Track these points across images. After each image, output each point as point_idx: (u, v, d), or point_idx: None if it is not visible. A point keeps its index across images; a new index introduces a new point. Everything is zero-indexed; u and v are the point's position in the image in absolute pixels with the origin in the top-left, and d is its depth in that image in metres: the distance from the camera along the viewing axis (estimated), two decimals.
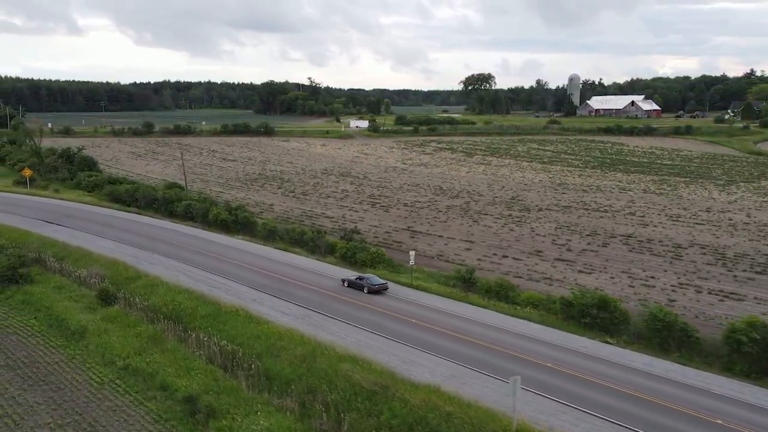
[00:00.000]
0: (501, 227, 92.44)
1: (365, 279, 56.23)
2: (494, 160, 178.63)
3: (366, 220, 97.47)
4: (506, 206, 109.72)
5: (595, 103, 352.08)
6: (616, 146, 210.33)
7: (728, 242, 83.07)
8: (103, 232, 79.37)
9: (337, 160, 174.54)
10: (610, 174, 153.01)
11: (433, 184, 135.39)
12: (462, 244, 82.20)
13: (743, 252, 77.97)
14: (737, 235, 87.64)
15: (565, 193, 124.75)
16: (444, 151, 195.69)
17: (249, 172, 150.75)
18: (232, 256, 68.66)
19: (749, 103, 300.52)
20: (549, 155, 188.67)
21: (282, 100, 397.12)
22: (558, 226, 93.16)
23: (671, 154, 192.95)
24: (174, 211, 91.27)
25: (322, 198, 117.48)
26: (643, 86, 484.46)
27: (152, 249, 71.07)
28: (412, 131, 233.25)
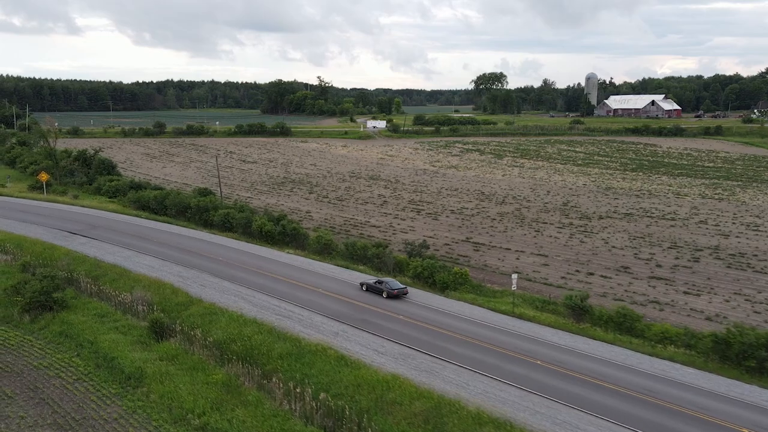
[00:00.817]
0: (568, 238, 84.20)
1: (384, 283, 54.22)
2: (526, 162, 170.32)
3: (417, 229, 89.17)
4: (561, 213, 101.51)
5: (613, 103, 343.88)
6: (648, 147, 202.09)
7: None
8: (137, 245, 70.95)
9: (362, 162, 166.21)
10: (654, 177, 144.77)
11: (472, 188, 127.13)
12: (535, 258, 73.90)
13: None
14: None
15: (618, 198, 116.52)
16: (471, 153, 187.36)
17: (273, 175, 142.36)
18: (290, 275, 60.30)
19: None
20: (581, 157, 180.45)
21: (290, 99, 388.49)
22: (631, 236, 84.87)
23: (709, 156, 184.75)
24: (210, 220, 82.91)
25: (360, 204, 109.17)
26: (656, 86, 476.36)
27: (197, 266, 62.69)
28: (433, 132, 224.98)
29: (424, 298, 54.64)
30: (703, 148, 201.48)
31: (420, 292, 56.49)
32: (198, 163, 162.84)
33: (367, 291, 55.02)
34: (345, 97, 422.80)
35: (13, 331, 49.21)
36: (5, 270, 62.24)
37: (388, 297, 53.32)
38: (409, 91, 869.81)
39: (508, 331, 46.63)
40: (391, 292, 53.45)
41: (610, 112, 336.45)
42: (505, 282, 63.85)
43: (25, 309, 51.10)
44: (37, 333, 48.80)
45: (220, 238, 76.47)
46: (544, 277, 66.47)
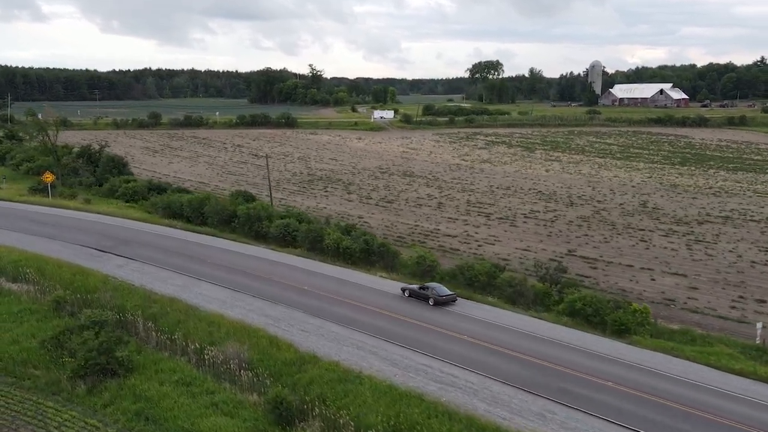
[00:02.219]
0: (686, 249, 71.65)
1: (430, 288, 49.31)
2: (562, 155, 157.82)
3: (504, 240, 75.92)
4: (649, 217, 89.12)
5: (619, 92, 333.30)
6: (682, 139, 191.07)
7: None
8: (188, 267, 56.62)
9: (386, 157, 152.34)
10: (711, 173, 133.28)
11: (523, 186, 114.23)
12: (673, 279, 61.07)
13: None
14: None
15: (696, 197, 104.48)
16: (498, 146, 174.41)
17: (295, 172, 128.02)
18: (411, 313, 46.56)
19: None
20: (616, 150, 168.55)
21: (280, 89, 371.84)
22: (758, 246, 72.56)
23: (750, 148, 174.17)
24: (263, 232, 68.69)
25: (413, 206, 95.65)
26: (651, 74, 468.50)
27: (282, 300, 48.71)
28: (447, 123, 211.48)
29: (594, 343, 41.35)
30: (738, 140, 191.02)
31: (582, 334, 43.27)
32: (206, 157, 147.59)
33: (410, 297, 49.78)
34: (336, 86, 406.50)
35: (66, 409, 34.89)
36: (33, 308, 47.65)
37: (436, 304, 47.80)
38: (391, 80, 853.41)
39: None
40: (438, 298, 48.18)
41: (616, 102, 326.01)
42: (666, 315, 50.98)
43: (78, 374, 36.76)
44: (101, 412, 34.50)
45: (284, 256, 62.30)
46: (707, 306, 53.67)
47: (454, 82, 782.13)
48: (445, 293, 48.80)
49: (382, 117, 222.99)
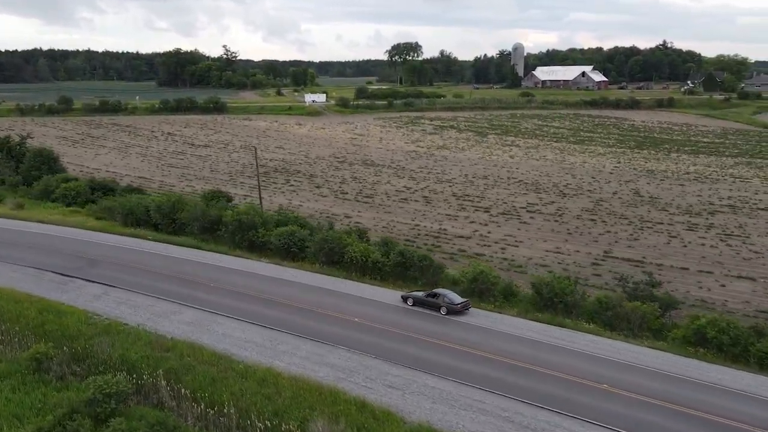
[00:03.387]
0: (725, 245, 65.82)
1: (441, 296, 43.12)
2: (516, 140, 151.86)
3: (525, 241, 67.58)
4: (654, 207, 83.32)
5: (541, 74, 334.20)
6: (622, 121, 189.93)
7: None
8: (189, 295, 44.79)
9: (335, 144, 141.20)
10: (674, 156, 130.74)
11: (501, 175, 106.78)
12: (741, 283, 54.45)
13: None
14: None
15: (684, 185, 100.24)
16: (448, 130, 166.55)
17: (244, 163, 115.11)
18: (502, 349, 36.94)
19: (711, 73, 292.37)
20: (567, 133, 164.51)
21: (192, 71, 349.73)
22: None
23: (691, 130, 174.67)
24: (259, 243, 57.01)
25: (397, 201, 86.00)
26: (562, 57, 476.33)
27: (342, 341, 37.90)
28: (386, 106, 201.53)
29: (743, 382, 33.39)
30: (676, 122, 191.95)
31: (720, 368, 35.27)
32: (137, 148, 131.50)
33: (414, 306, 43.59)
34: (252, 68, 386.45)
35: None
36: (5, 371, 34.72)
37: (449, 313, 42.06)
38: (299, 62, 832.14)
39: None
40: (452, 307, 42.26)
41: (539, 84, 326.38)
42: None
43: None
44: None
45: (298, 273, 51.09)
46: None
47: (363, 65, 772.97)
48: (460, 301, 42.89)
49: (314, 101, 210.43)
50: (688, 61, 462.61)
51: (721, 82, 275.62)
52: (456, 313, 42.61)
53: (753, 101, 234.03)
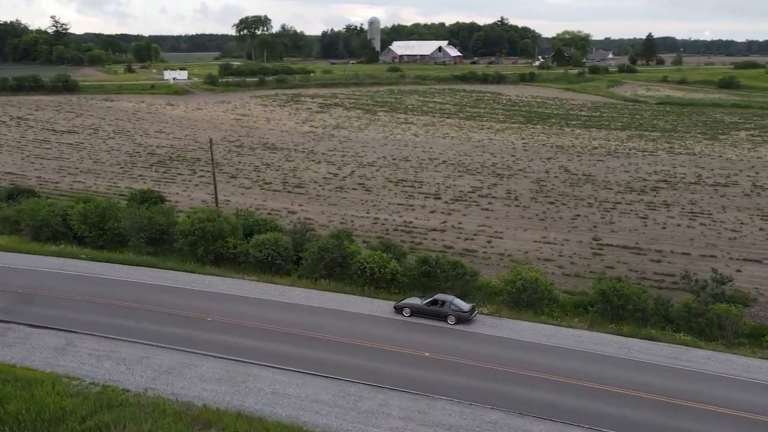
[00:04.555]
0: (700, 225, 64.65)
1: (446, 302, 38.06)
2: (409, 117, 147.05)
3: (505, 231, 62.32)
4: (597, 186, 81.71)
5: (398, 49, 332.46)
6: (498, 96, 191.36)
7: None
8: (200, 340, 34.63)
9: (221, 126, 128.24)
10: (568, 131, 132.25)
11: (422, 156, 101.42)
12: (752, 266, 52.71)
13: None
14: None
15: (602, 160, 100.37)
16: (334, 108, 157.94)
17: (128, 151, 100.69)
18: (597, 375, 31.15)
19: (560, 49, 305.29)
20: (454, 109, 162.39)
21: (15, 44, 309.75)
22: (751, 215, 68.03)
23: (567, 104, 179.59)
24: (230, 255, 46.87)
25: (333, 191, 77.72)
26: (408, 32, 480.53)
27: (428, 387, 30.14)
28: (258, 84, 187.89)
29: None
30: (548, 95, 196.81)
31: None
32: None
33: (412, 317, 38.24)
34: (86, 42, 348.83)
35: None
36: None
37: (459, 322, 37.18)
38: (127, 36, 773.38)
39: None
40: (462, 315, 37.40)
41: (396, 58, 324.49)
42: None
43: None
44: None
45: (303, 293, 42.05)
46: None
47: (197, 39, 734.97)
48: (468, 306, 38.26)
49: (175, 78, 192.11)
50: (525, 37, 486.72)
51: (569, 57, 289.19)
52: (465, 322, 36.74)
53: (603, 75, 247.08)
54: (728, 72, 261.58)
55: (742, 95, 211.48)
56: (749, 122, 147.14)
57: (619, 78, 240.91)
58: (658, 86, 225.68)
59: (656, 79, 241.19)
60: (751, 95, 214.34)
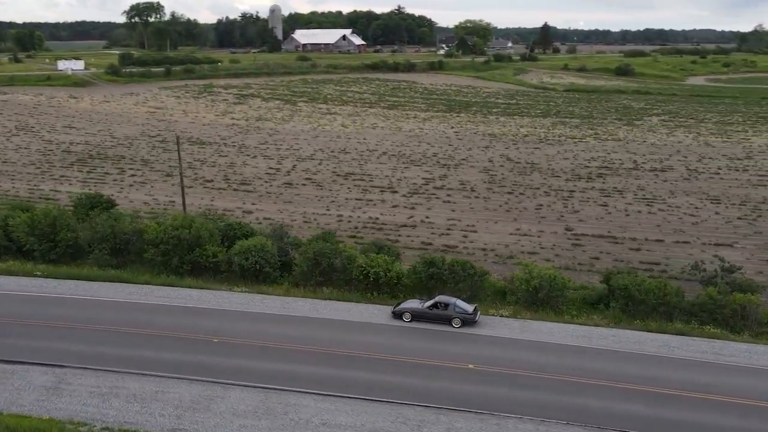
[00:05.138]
0: (659, 211, 65.87)
1: (450, 305, 36.06)
2: (332, 108, 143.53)
3: (478, 225, 60.97)
4: (545, 174, 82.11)
5: (302, 38, 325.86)
6: (413, 85, 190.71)
7: None
8: (219, 367, 30.94)
9: (135, 120, 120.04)
10: (493, 118, 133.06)
11: (359, 148, 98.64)
12: (730, 252, 53.77)
13: None
14: None
15: (538, 147, 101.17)
16: (252, 99, 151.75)
17: (39, 149, 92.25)
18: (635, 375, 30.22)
19: (463, 37, 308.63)
20: (373, 98, 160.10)
21: None
22: (712, 199, 70.11)
23: (481, 92, 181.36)
24: (209, 264, 42.69)
25: (277, 187, 73.93)
26: (306, 21, 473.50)
27: (510, 408, 28.03)
28: (164, 74, 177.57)
29: None
30: (459, 83, 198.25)
31: None
32: None
33: (413, 321, 36.18)
34: None
35: None
36: None
37: (465, 324, 35.54)
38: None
39: None
40: (468, 316, 35.86)
41: (299, 47, 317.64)
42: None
43: None
44: None
45: (305, 303, 38.73)
46: None
47: (78, 26, 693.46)
48: (471, 308, 36.77)
49: (72, 69, 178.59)
50: (422, 25, 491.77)
51: (473, 45, 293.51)
52: (471, 324, 35.28)
53: (508, 63, 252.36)
54: (621, 60, 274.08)
55: (639, 82, 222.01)
56: (655, 108, 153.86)
57: (523, 66, 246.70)
58: (561, 74, 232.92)
59: (558, 67, 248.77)
60: (646, 82, 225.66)
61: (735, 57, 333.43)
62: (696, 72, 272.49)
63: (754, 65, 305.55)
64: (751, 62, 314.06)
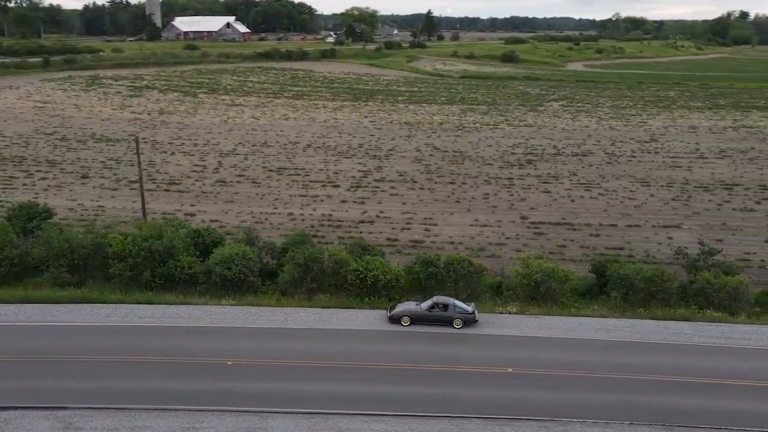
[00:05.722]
0: (599, 196, 68.04)
1: (450, 305, 35.18)
2: (236, 99, 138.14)
3: (435, 218, 60.41)
4: (476, 162, 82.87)
5: (183, 25, 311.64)
6: (311, 73, 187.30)
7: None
8: (253, 393, 28.29)
9: (24, 117, 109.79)
10: (402, 107, 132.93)
11: (279, 141, 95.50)
12: (679, 233, 56.29)
13: None
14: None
15: (459, 135, 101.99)
16: (149, 91, 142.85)
17: None
18: None
19: (351, 25, 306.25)
20: (275, 88, 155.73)
21: None
22: (642, 182, 73.14)
23: (381, 80, 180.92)
24: (182, 276, 39.29)
25: (212, 186, 70.00)
26: (182, 8, 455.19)
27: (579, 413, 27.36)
28: (42, 65, 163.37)
29: None
30: (357, 72, 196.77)
31: None
32: None
33: (413, 325, 34.76)
34: None
35: None
36: None
37: (466, 325, 34.77)
38: None
39: None
40: (469, 316, 35.12)
41: (181, 35, 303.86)
42: None
43: None
44: None
45: (304, 312, 36.48)
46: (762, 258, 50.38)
47: None
48: (470, 308, 35.95)
49: None
50: (302, 12, 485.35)
51: (361, 33, 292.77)
52: (472, 324, 34.83)
53: (398, 50, 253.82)
54: (504, 47, 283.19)
55: (525, 68, 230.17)
56: (551, 93, 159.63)
57: (414, 53, 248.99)
58: (452, 61, 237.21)
59: (447, 54, 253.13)
60: (531, 68, 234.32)
61: (604, 44, 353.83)
62: (573, 58, 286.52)
63: (622, 51, 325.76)
64: (619, 48, 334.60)
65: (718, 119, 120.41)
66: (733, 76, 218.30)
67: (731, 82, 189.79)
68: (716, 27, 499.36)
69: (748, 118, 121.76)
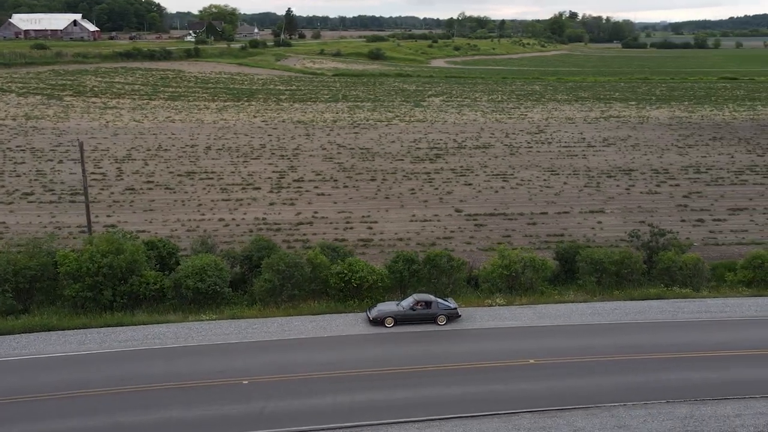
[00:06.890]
0: (518, 186, 70.39)
1: (433, 302, 35.05)
2: (108, 101, 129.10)
3: (374, 215, 59.69)
4: (395, 159, 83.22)
5: (23, 23, 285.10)
6: (181, 74, 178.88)
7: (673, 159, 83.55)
8: (290, 413, 26.28)
9: None
10: (286, 105, 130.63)
11: (176, 144, 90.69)
12: (605, 218, 59.43)
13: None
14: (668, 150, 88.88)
15: (359, 133, 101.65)
16: (5, 94, 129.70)
17: None
18: None
19: (211, 23, 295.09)
20: (149, 90, 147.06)
21: None
22: (549, 172, 76.46)
23: (254, 79, 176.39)
24: (149, 294, 36.13)
25: (127, 195, 65.12)
26: (14, 4, 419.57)
27: None
28: None
29: None
30: (228, 71, 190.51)
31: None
32: None
33: (397, 326, 34.19)
34: None
35: None
36: None
37: (450, 322, 34.77)
38: None
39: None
40: (453, 312, 35.04)
41: (20, 34, 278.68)
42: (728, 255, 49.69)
43: None
44: None
45: (297, 321, 34.74)
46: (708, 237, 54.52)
47: None
48: (453, 303, 35.80)
49: None
50: (150, 11, 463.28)
51: (222, 31, 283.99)
52: (456, 319, 35.17)
53: (264, 49, 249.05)
54: (369, 45, 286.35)
55: (393, 65, 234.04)
56: (428, 89, 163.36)
57: (281, 52, 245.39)
58: (321, 59, 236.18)
59: (314, 53, 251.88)
60: (399, 65, 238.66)
61: (459, 41, 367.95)
62: (434, 55, 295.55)
63: (478, 49, 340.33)
64: (474, 46, 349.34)
65: (587, 111, 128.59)
66: (582, 71, 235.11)
67: (583, 77, 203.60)
68: (553, 26, 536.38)
69: (612, 109, 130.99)
